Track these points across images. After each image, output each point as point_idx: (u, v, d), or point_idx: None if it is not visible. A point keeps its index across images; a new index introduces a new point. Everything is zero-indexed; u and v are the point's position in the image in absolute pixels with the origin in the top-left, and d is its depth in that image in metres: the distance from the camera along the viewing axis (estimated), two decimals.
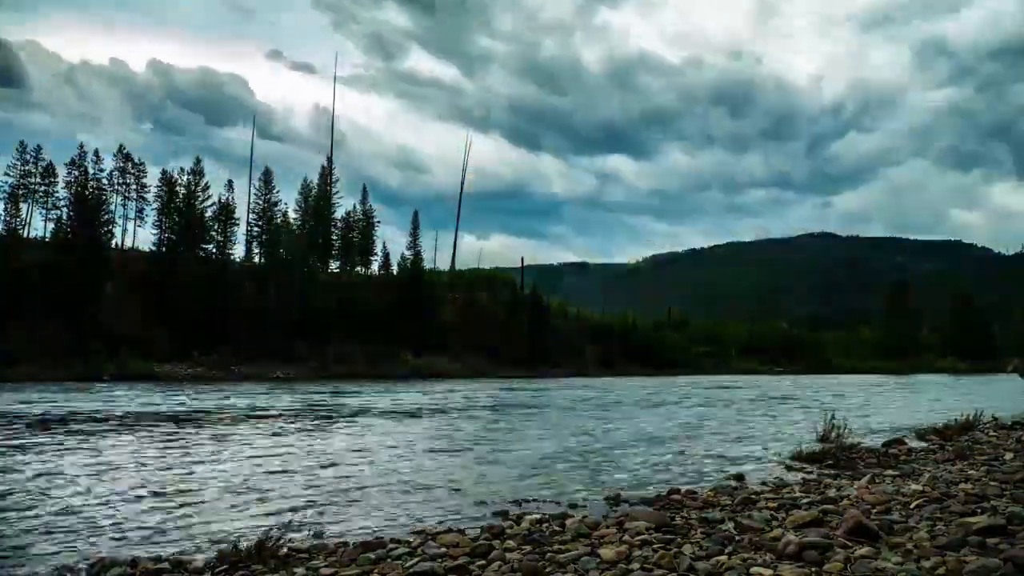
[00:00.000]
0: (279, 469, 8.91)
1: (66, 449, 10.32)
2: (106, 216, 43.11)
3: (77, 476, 8.14)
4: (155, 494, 7.20)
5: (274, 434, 12.87)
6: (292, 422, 15.13)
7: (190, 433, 12.64)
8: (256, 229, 49.31)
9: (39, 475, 8.19)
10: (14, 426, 13.27)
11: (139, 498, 7.02)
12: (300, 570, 4.64)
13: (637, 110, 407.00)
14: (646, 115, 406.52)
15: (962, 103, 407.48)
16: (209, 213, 45.54)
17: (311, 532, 5.72)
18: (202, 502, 6.90)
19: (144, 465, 9.04)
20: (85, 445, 10.80)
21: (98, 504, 6.72)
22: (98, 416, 15.55)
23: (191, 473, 8.47)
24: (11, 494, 7.09)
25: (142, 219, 47.38)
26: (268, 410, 18.03)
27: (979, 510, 5.57)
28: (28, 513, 6.34)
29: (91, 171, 42.66)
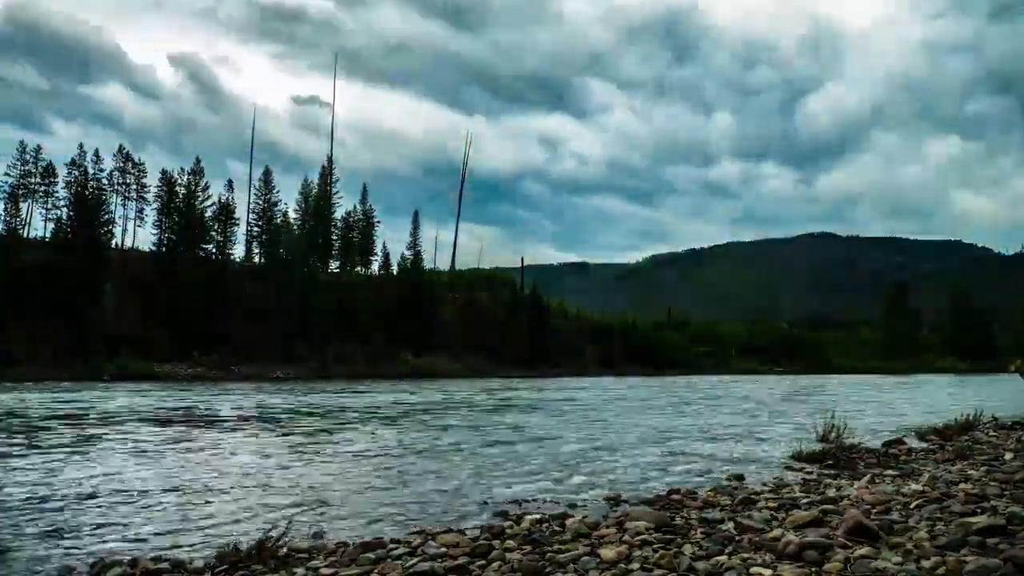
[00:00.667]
0: (279, 469, 8.91)
1: (65, 449, 10.32)
2: (106, 216, 43.17)
3: (76, 476, 8.14)
4: (155, 494, 7.20)
5: (273, 434, 12.87)
6: (291, 422, 15.14)
7: (190, 433, 12.65)
8: (256, 229, 49.40)
9: (39, 475, 8.19)
10: (13, 426, 13.27)
11: (139, 498, 7.02)
12: (300, 570, 4.64)
13: (567, 52, 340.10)
14: (579, 59, 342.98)
15: (967, 40, 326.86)
16: (209, 213, 45.63)
17: (311, 532, 5.72)
18: (202, 502, 6.89)
19: (143, 465, 9.04)
20: (84, 445, 10.80)
21: (98, 504, 6.72)
22: (97, 416, 15.55)
23: (191, 473, 8.47)
24: (11, 494, 7.09)
25: (142, 219, 47.48)
26: (268, 410, 18.03)
27: (979, 510, 5.56)
28: (28, 513, 6.34)
29: (91, 171, 42.77)
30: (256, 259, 49.64)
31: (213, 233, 45.71)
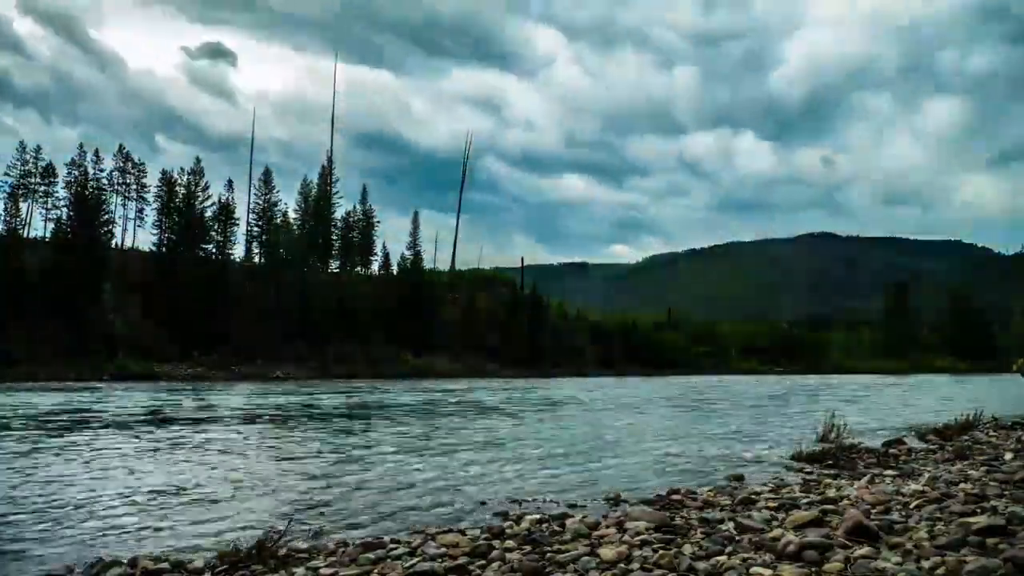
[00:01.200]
0: (278, 469, 8.91)
1: (66, 449, 10.32)
2: (106, 216, 43.16)
3: (77, 476, 8.14)
4: (155, 494, 7.20)
5: (273, 434, 12.87)
6: (291, 422, 15.13)
7: (189, 433, 12.64)
8: (256, 229, 49.39)
9: (39, 475, 8.18)
10: (14, 426, 13.26)
11: (139, 498, 7.02)
12: (300, 570, 4.64)
13: None
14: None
15: None
16: (209, 213, 45.61)
17: (311, 532, 5.72)
18: (202, 502, 6.89)
19: (143, 465, 9.04)
20: (85, 445, 10.80)
21: (98, 504, 6.71)
22: (97, 416, 15.55)
23: (191, 473, 8.47)
24: (11, 494, 7.09)
25: (142, 219, 47.49)
26: (267, 410, 18.03)
27: (979, 510, 5.56)
28: (28, 513, 6.34)
29: (91, 171, 42.76)
30: (256, 259, 49.64)
31: (213, 233, 45.67)
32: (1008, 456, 9.23)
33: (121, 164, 46.52)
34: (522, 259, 67.33)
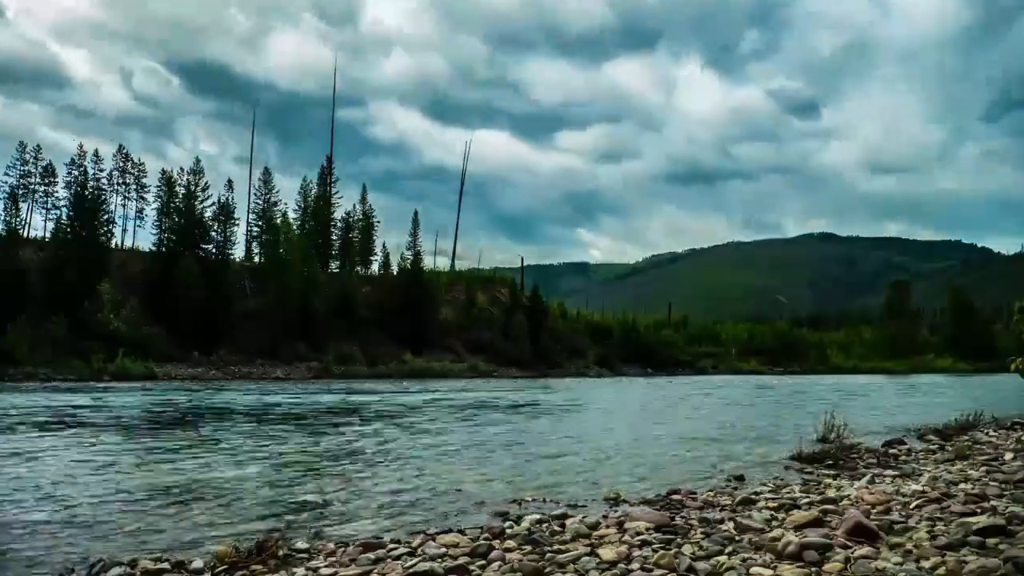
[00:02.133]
0: (279, 469, 8.91)
1: (65, 449, 10.32)
2: (106, 216, 43.14)
3: (76, 476, 8.14)
4: (155, 494, 7.20)
5: (273, 434, 12.87)
6: (290, 423, 15.13)
7: (189, 433, 12.65)
8: (256, 229, 49.38)
9: (38, 475, 8.18)
10: (13, 426, 13.26)
11: (139, 498, 7.02)
12: (300, 570, 4.64)
13: None
14: None
15: None
16: (209, 213, 45.59)
17: (311, 532, 5.72)
18: (201, 502, 6.89)
19: (143, 465, 9.04)
20: (84, 445, 10.80)
21: (98, 504, 6.71)
22: (97, 416, 15.55)
23: (190, 473, 8.47)
24: (11, 494, 7.09)
25: (142, 219, 47.50)
26: (267, 411, 18.02)
27: (979, 510, 5.56)
28: (28, 513, 6.34)
29: (91, 171, 42.75)
30: (256, 259, 49.64)
31: (213, 233, 45.65)
32: (1008, 456, 9.22)
33: (121, 164, 46.59)
34: (522, 259, 67.83)
